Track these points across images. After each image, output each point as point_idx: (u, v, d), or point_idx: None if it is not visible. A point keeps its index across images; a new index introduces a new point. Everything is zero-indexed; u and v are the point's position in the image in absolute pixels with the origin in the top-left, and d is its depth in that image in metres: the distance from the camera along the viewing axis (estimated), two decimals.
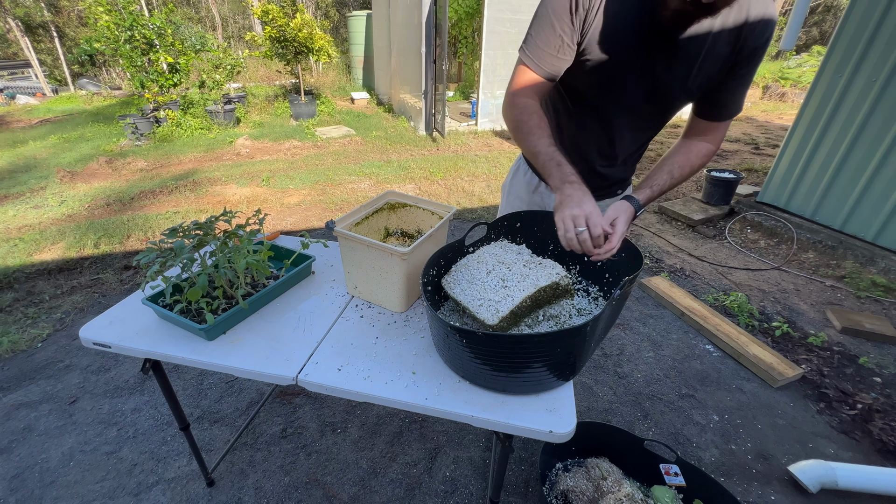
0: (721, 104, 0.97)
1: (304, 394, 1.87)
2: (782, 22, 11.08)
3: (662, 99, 0.97)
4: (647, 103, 0.98)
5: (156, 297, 1.07)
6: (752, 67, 0.92)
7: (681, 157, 1.00)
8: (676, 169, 0.98)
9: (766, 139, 6.28)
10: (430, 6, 5.43)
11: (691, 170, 1.00)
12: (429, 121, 6.18)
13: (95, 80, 10.14)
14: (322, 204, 3.88)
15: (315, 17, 13.19)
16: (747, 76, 0.93)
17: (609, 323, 0.90)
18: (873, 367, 2.09)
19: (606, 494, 1.27)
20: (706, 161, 1.02)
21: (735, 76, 0.92)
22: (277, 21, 6.22)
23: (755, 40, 0.87)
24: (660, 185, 0.97)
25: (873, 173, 2.82)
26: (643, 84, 0.94)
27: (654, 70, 0.92)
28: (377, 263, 1.07)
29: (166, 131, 5.70)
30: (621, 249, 1.01)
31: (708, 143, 1.01)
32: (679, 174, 0.99)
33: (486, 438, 1.70)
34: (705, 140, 1.02)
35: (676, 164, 0.99)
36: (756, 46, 0.88)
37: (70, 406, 1.80)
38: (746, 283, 2.81)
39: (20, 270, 2.72)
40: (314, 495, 1.47)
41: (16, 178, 4.35)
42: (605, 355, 2.15)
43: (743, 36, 0.86)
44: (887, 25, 2.71)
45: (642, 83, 0.94)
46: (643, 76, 0.93)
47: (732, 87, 0.94)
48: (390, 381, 0.91)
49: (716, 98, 0.97)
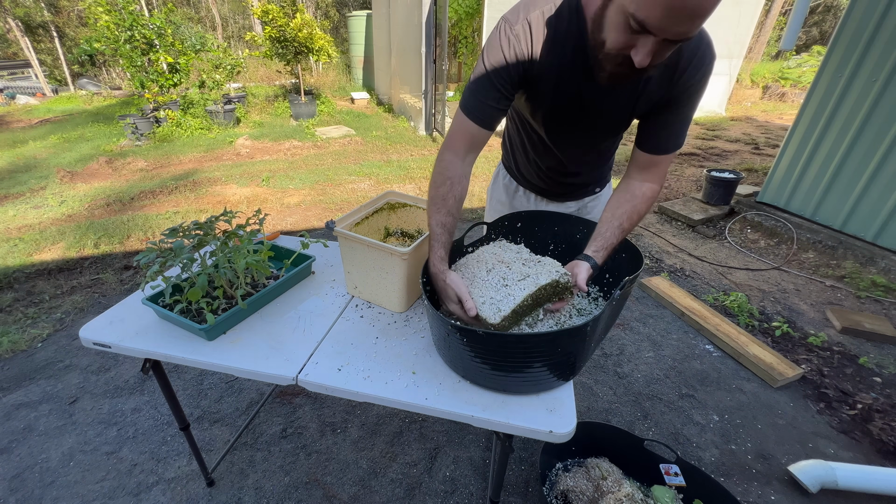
0: (659, 137, 0.97)
1: (304, 394, 1.87)
2: (782, 22, 11.09)
3: (605, 130, 1.04)
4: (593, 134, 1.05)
5: (156, 297, 1.07)
6: (691, 104, 0.92)
7: (627, 206, 0.99)
8: (626, 221, 0.98)
9: (766, 139, 6.28)
10: (430, 6, 5.43)
11: (638, 217, 1.00)
12: (429, 121, 6.18)
13: (95, 80, 10.13)
14: (322, 204, 3.88)
15: (315, 17, 13.19)
16: (684, 111, 0.93)
17: (609, 323, 0.90)
18: (873, 367, 2.09)
19: (606, 494, 1.27)
20: (650, 205, 1.01)
21: (672, 110, 0.93)
22: (277, 21, 6.22)
23: (689, 79, 0.87)
24: (613, 243, 0.97)
25: (873, 173, 2.82)
26: (584, 123, 1.00)
27: (591, 112, 0.97)
28: (377, 263, 1.07)
29: (166, 131, 5.70)
30: (622, 250, 1.01)
31: (650, 182, 1.00)
32: (628, 225, 0.99)
33: (486, 438, 1.70)
34: (647, 180, 1.00)
35: (625, 216, 0.98)
36: (691, 84, 0.88)
37: (70, 406, 1.80)
38: (746, 283, 2.81)
39: (20, 270, 2.72)
40: (314, 495, 1.47)
41: (16, 178, 4.35)
42: (605, 355, 2.15)
43: (677, 72, 0.87)
44: (887, 25, 2.71)
45: (584, 122, 1.00)
46: (583, 117, 0.99)
47: (671, 120, 0.94)
48: (390, 381, 0.91)
49: (654, 131, 0.97)
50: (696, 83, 0.88)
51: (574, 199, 1.30)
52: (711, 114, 7.90)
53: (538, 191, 1.29)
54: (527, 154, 1.20)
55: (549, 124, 1.04)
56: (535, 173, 1.23)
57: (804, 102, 3.21)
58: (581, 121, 0.99)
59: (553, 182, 1.22)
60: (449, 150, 0.97)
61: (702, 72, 0.87)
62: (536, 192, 1.30)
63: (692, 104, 0.92)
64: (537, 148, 1.15)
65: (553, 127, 1.04)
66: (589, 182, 1.26)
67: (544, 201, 1.30)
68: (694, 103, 0.92)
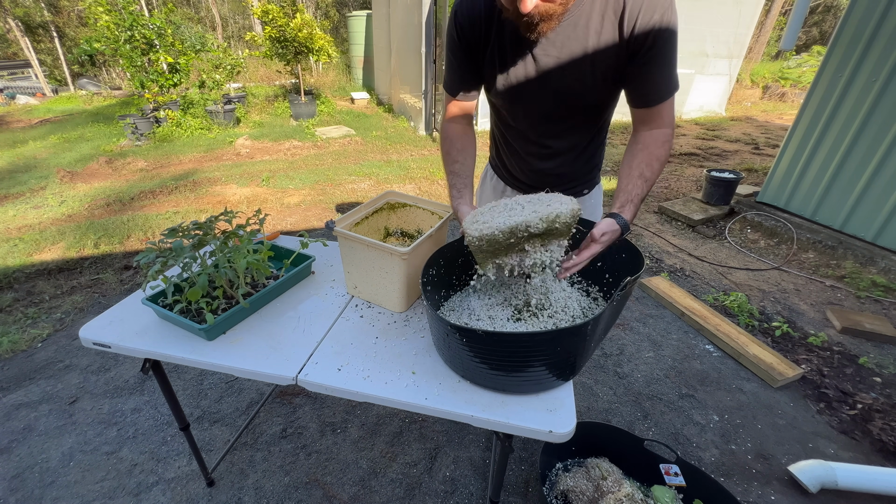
0: (646, 90, 0.96)
1: (304, 394, 1.87)
2: (782, 22, 11.09)
3: (572, 99, 1.01)
4: (560, 106, 1.03)
5: (156, 297, 1.07)
6: (663, 46, 0.89)
7: (643, 155, 0.97)
8: (646, 168, 0.95)
9: (766, 139, 6.28)
10: (430, 6, 5.43)
11: (659, 162, 0.96)
12: (429, 121, 6.18)
13: (95, 80, 10.13)
14: (322, 204, 3.88)
15: (315, 17, 13.19)
16: (661, 56, 0.90)
17: (609, 323, 0.90)
18: (873, 367, 2.09)
19: (606, 494, 1.27)
20: (668, 146, 0.98)
21: (644, 60, 0.91)
22: (277, 21, 6.22)
23: (646, 19, 0.86)
24: (638, 193, 0.94)
25: (873, 173, 2.82)
26: (545, 93, 1.01)
27: (548, 77, 0.98)
28: (377, 263, 1.07)
29: (166, 131, 5.70)
30: (622, 250, 1.01)
31: (657, 128, 0.98)
32: (650, 172, 0.95)
33: (486, 438, 1.70)
34: (653, 127, 0.99)
35: (644, 164, 0.96)
36: (651, 26, 0.86)
37: (70, 406, 1.80)
38: (746, 283, 2.81)
39: (20, 270, 2.72)
40: (314, 495, 1.47)
41: (16, 178, 4.35)
42: (605, 355, 2.15)
43: (626, 18, 0.87)
44: (887, 25, 2.71)
45: (544, 92, 1.01)
46: (541, 86, 0.99)
47: (648, 70, 0.92)
48: (390, 381, 0.91)
49: (637, 86, 0.96)
50: (657, 23, 0.86)
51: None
52: (711, 114, 7.90)
53: (525, 189, 1.25)
54: (507, 144, 1.21)
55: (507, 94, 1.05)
56: (518, 165, 1.22)
57: (804, 102, 3.21)
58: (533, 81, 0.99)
59: (538, 174, 1.19)
60: (446, 122, 1.15)
61: (659, 10, 0.86)
62: (524, 191, 1.26)
63: (667, 46, 0.89)
64: (515, 132, 1.16)
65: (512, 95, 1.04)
66: (576, 176, 1.22)
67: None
68: (668, 45, 0.89)
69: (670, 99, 0.96)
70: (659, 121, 0.98)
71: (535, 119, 1.08)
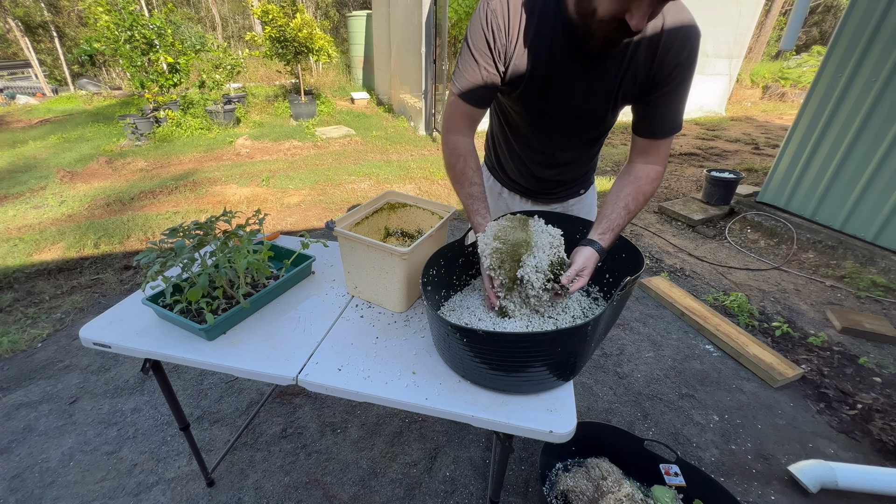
0: (654, 121, 0.97)
1: (304, 394, 1.87)
2: (782, 22, 11.08)
3: (589, 118, 1.01)
4: (576, 122, 1.03)
5: (156, 297, 1.07)
6: (680, 84, 0.91)
7: (631, 188, 0.99)
8: (631, 202, 0.98)
9: (766, 139, 6.28)
10: (430, 6, 5.43)
11: (644, 198, 1.00)
12: (429, 121, 6.18)
13: (95, 80, 10.13)
14: (322, 204, 3.88)
15: (315, 17, 13.19)
16: (676, 93, 0.92)
17: (609, 323, 0.90)
18: (873, 367, 2.09)
19: (606, 494, 1.27)
20: (656, 185, 1.01)
21: (664, 93, 0.92)
22: (277, 21, 6.22)
23: (675, 56, 0.87)
24: (619, 224, 0.97)
25: (873, 173, 2.82)
26: (568, 108, 0.99)
27: (574, 94, 0.96)
28: (377, 263, 1.07)
29: (166, 131, 5.70)
30: (622, 250, 1.01)
31: (653, 164, 1.01)
32: (634, 206, 0.98)
33: (486, 438, 1.70)
34: (649, 162, 1.01)
35: (630, 197, 0.98)
36: (678, 63, 0.88)
37: (70, 406, 1.80)
38: (746, 283, 2.81)
39: (20, 270, 2.71)
40: (314, 495, 1.47)
41: (16, 178, 4.35)
42: (605, 355, 2.15)
43: (660, 51, 0.87)
44: (887, 25, 2.71)
45: (567, 108, 0.99)
46: (566, 101, 0.98)
47: (662, 103, 0.94)
48: (390, 381, 0.91)
49: (650, 115, 0.97)
50: (683, 61, 0.88)
51: (558, 200, 1.27)
52: (711, 114, 7.90)
53: (523, 191, 1.26)
54: (511, 150, 1.18)
55: (531, 106, 1.01)
56: (519, 170, 1.20)
57: (804, 102, 3.21)
58: (565, 99, 0.97)
59: (538, 180, 1.20)
60: (451, 133, 1.05)
61: (688, 49, 0.87)
62: (521, 194, 1.27)
63: (684, 84, 0.91)
64: (522, 140, 1.13)
65: (537, 109, 1.02)
66: (574, 180, 1.24)
67: (529, 202, 1.28)
68: (685, 83, 0.91)
69: (672, 137, 0.99)
70: (656, 156, 1.00)
71: (549, 132, 1.07)
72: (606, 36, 0.80)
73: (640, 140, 1.01)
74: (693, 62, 0.89)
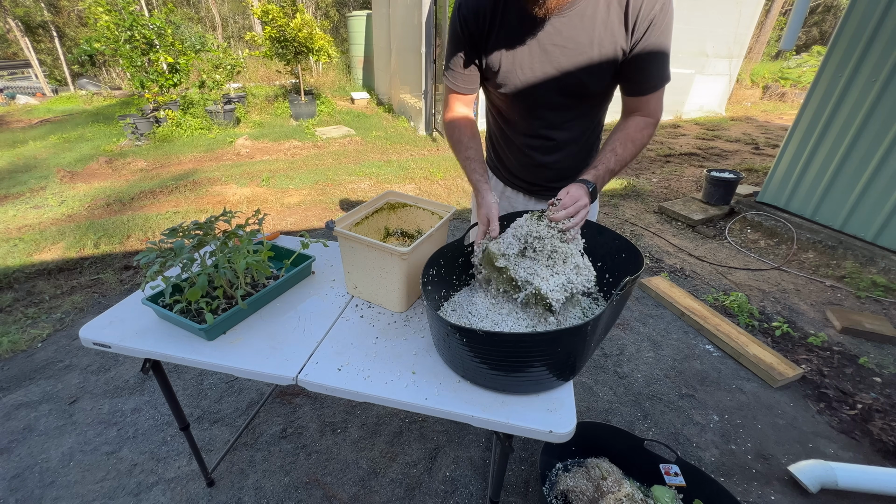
0: (639, 79, 1.00)
1: (304, 394, 1.87)
2: (782, 22, 11.08)
3: (576, 88, 1.02)
4: (561, 96, 1.04)
5: (156, 297, 1.07)
6: (659, 39, 0.93)
7: (620, 134, 1.04)
8: (619, 146, 1.02)
9: (766, 139, 6.28)
10: (430, 6, 5.43)
11: (633, 144, 1.03)
12: (429, 121, 6.18)
13: (95, 80, 10.13)
14: (322, 204, 3.88)
15: (315, 17, 13.19)
16: (656, 49, 0.95)
17: (609, 323, 0.90)
18: (873, 367, 2.09)
19: (606, 494, 1.27)
20: (648, 132, 1.04)
21: (641, 49, 0.94)
22: (277, 21, 6.22)
23: (648, 11, 0.90)
24: (605, 163, 1.00)
25: (873, 173, 2.82)
26: (550, 83, 1.01)
27: (554, 66, 0.98)
28: (377, 263, 1.07)
29: (166, 131, 5.70)
30: (622, 250, 1.01)
31: (642, 115, 1.04)
32: (622, 150, 1.02)
33: (486, 438, 1.70)
34: (639, 114, 1.05)
35: (618, 142, 1.03)
36: (651, 18, 0.91)
37: (70, 406, 1.80)
38: (746, 283, 2.81)
39: (20, 270, 2.72)
40: (314, 495, 1.47)
41: (16, 178, 4.35)
42: (605, 355, 2.15)
43: (630, 8, 0.90)
44: (887, 25, 2.71)
45: (549, 82, 1.01)
46: (547, 74, 1.00)
47: (644, 60, 0.96)
48: (390, 381, 0.91)
49: (632, 75, 1.00)
50: (656, 14, 0.90)
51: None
52: (711, 114, 7.90)
53: (526, 188, 1.26)
54: (509, 142, 1.20)
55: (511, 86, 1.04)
56: (520, 161, 1.20)
57: (804, 102, 3.21)
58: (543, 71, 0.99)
59: (539, 168, 1.19)
60: (446, 111, 1.16)
61: (660, 2, 0.90)
62: (525, 191, 1.27)
63: (663, 38, 0.94)
64: (516, 128, 1.15)
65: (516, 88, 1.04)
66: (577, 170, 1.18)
67: (532, 200, 1.28)
68: (664, 36, 0.94)
69: (661, 90, 1.01)
70: (646, 109, 1.04)
71: (537, 109, 1.08)
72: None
73: (627, 99, 1.04)
74: (667, 14, 0.92)
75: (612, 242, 1.02)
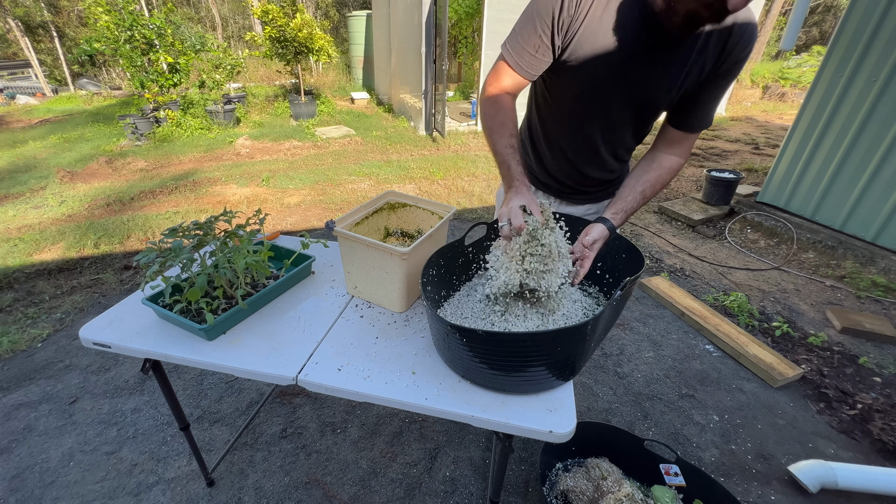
0: (695, 114, 0.97)
1: (304, 394, 1.87)
2: (782, 22, 11.08)
3: (645, 108, 0.99)
4: (630, 112, 1.00)
5: (156, 297, 1.07)
6: (730, 80, 0.93)
7: (651, 175, 1.00)
8: (649, 188, 0.99)
9: (766, 139, 6.28)
10: (430, 6, 5.43)
11: (661, 187, 1.01)
12: (429, 121, 6.18)
13: (95, 80, 10.13)
14: (322, 204, 3.88)
15: (315, 17, 13.19)
16: (723, 89, 0.94)
17: (609, 323, 0.90)
18: (873, 367, 2.09)
19: (606, 494, 1.27)
20: (673, 177, 1.03)
21: (714, 86, 0.93)
22: (277, 21, 6.22)
23: (739, 52, 0.88)
24: (633, 207, 0.98)
25: (873, 173, 2.82)
26: (627, 94, 0.96)
27: (638, 81, 0.93)
28: (377, 263, 1.07)
29: (166, 131, 5.70)
30: (622, 250, 1.01)
31: (677, 156, 1.02)
32: (651, 192, 1.00)
33: (486, 438, 1.70)
34: (673, 154, 1.02)
35: (648, 183, 0.99)
36: (740, 59, 0.89)
37: (70, 406, 1.80)
38: (746, 283, 2.81)
39: (20, 270, 2.71)
40: (314, 495, 1.47)
41: (16, 178, 4.35)
42: (605, 355, 2.15)
43: (729, 45, 0.87)
44: (887, 25, 2.71)
45: (626, 94, 0.96)
46: (627, 87, 0.94)
47: (709, 97, 0.95)
48: (390, 381, 0.91)
49: (691, 108, 0.97)
50: (742, 59, 0.89)
51: (594, 201, 1.21)
52: None
53: (555, 191, 1.21)
54: (550, 139, 1.12)
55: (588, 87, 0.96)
56: (556, 164, 1.14)
57: (804, 102, 3.21)
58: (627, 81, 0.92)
59: (575, 174, 1.14)
60: (492, 87, 1.00)
61: (749, 48, 0.88)
62: (555, 194, 1.21)
63: (730, 81, 0.93)
64: (563, 127, 1.07)
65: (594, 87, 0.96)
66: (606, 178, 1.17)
67: (561, 204, 1.23)
68: (731, 80, 0.93)
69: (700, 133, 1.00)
70: (683, 148, 1.01)
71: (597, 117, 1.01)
72: (691, 8, 0.75)
73: (672, 131, 1.01)
74: (744, 62, 0.90)
75: (612, 242, 1.02)
